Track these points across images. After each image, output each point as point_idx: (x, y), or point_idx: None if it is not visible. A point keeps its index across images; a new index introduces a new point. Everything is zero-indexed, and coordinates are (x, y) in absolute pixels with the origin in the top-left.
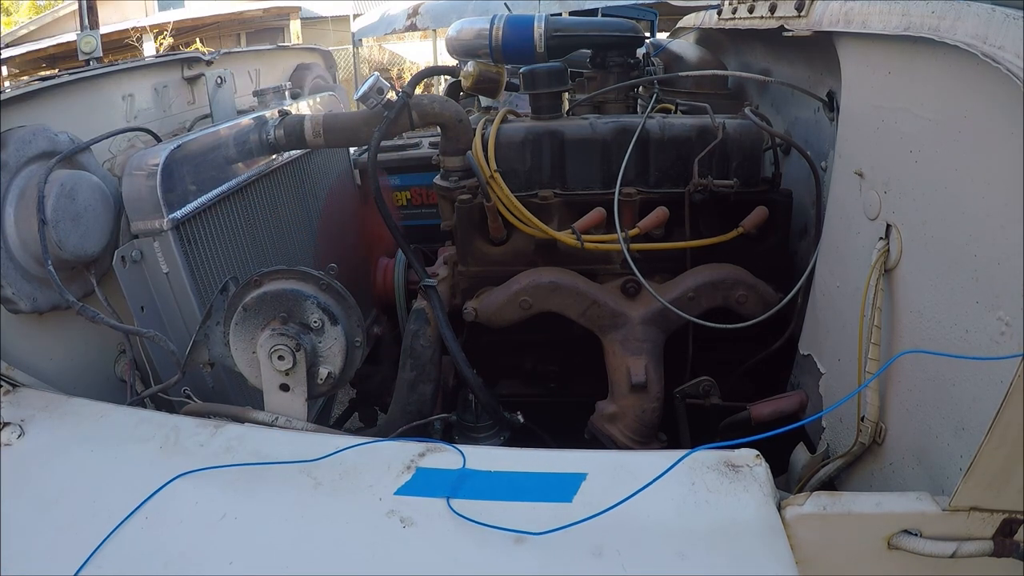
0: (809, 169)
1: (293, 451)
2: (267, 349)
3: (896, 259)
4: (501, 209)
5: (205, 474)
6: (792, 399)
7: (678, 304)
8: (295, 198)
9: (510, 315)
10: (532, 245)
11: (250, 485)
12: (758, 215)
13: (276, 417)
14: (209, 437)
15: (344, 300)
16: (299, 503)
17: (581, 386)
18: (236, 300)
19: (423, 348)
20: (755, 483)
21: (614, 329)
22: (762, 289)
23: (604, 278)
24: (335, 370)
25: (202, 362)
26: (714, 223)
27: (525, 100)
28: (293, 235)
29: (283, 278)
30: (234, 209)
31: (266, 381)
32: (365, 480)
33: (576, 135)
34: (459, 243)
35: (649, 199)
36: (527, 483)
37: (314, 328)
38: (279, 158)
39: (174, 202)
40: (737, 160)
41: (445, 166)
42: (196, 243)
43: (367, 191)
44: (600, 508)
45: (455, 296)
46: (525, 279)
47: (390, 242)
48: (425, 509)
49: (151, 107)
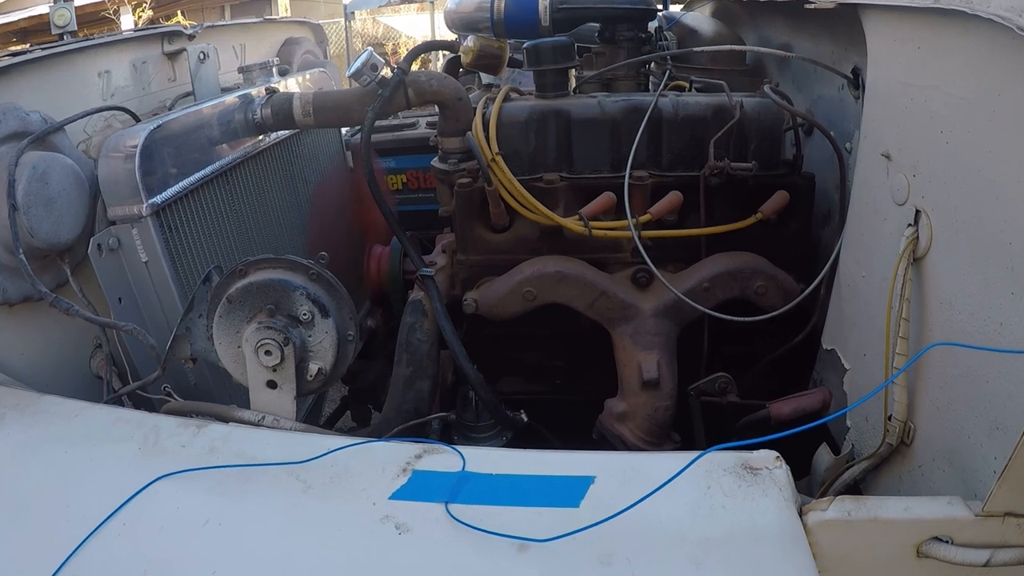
0: (832, 151)
1: (281, 452)
2: (253, 343)
3: (926, 247)
4: (503, 194)
5: (187, 476)
6: (814, 397)
7: (692, 295)
8: (283, 182)
9: (513, 307)
10: (536, 232)
11: (235, 488)
12: (778, 200)
13: (263, 416)
14: (191, 437)
15: (336, 291)
16: (287, 508)
17: (589, 383)
18: (220, 291)
19: (420, 342)
20: (775, 486)
21: (624, 322)
22: (782, 279)
23: (613, 267)
24: (326, 366)
25: (183, 357)
26: (731, 209)
27: (529, 77)
28: (281, 221)
29: (270, 268)
30: (218, 194)
31: (252, 378)
32: (358, 483)
33: (583, 115)
34: (458, 230)
35: (661, 183)
36: (531, 487)
37: (303, 321)
38: (266, 139)
39: (154, 186)
40: (756, 141)
41: (443, 148)
42: (177, 230)
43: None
44: (609, 513)
45: (454, 287)
46: (529, 268)
47: (385, 229)
48: (422, 514)
49: (129, 84)
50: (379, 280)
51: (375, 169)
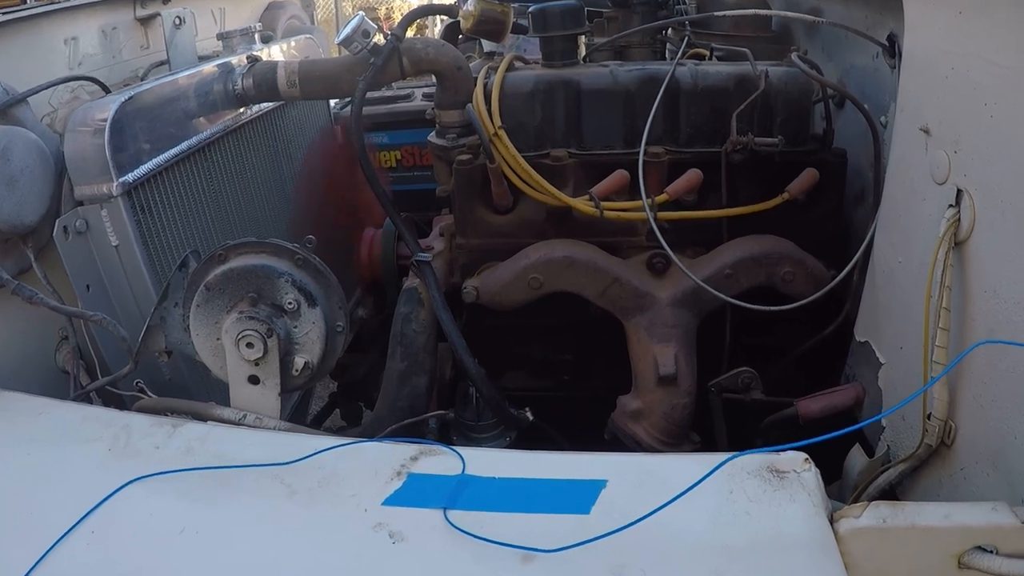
0: (866, 125)
1: (264, 453)
2: (233, 335)
3: (968, 230)
4: (506, 171)
5: (161, 480)
6: (846, 393)
7: (713, 282)
8: (266, 159)
9: (517, 295)
10: (543, 214)
11: (214, 493)
12: (807, 179)
13: (244, 414)
14: (166, 437)
15: (323, 278)
16: (271, 514)
17: (600, 378)
18: (197, 278)
19: (415, 334)
20: (803, 491)
21: (639, 312)
22: (811, 265)
23: (627, 252)
24: (313, 359)
25: (157, 350)
26: (755, 188)
27: (534, 44)
28: (264, 202)
29: (252, 252)
30: (195, 171)
31: (232, 372)
32: (348, 488)
33: (594, 85)
34: (457, 211)
35: (679, 160)
36: (537, 492)
37: (288, 311)
38: (248, 112)
39: (125, 163)
40: (782, 115)
41: (441, 121)
42: (151, 211)
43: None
44: (623, 521)
45: (453, 273)
46: (535, 253)
47: (377, 210)
48: (418, 522)
49: (98, 52)
50: (371, 266)
51: (367, 145)
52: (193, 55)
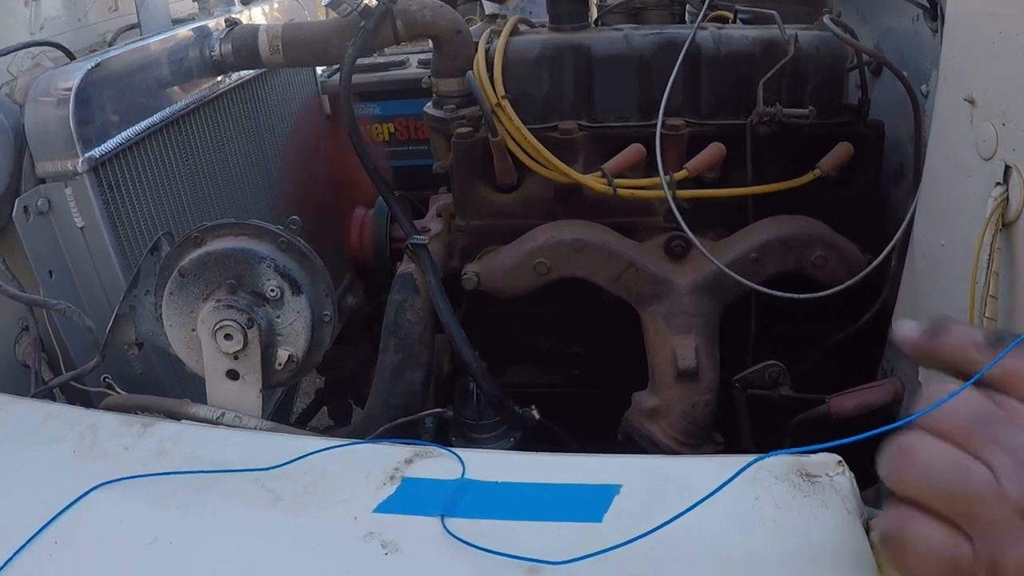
0: (905, 94)
1: (244, 456)
2: (210, 326)
3: (1017, 210)
4: (511, 145)
5: (131, 485)
6: (883, 389)
7: (738, 267)
8: (247, 132)
9: (522, 281)
10: (550, 192)
11: (188, 499)
12: (840, 153)
13: (222, 413)
14: (136, 438)
15: (309, 263)
16: (251, 522)
17: (612, 373)
18: (171, 262)
19: (410, 324)
20: (836, 497)
21: (656, 299)
22: (845, 248)
23: (643, 234)
24: (298, 352)
25: (127, 342)
26: (784, 163)
27: (541, 6)
28: (244, 179)
29: (231, 235)
30: (169, 146)
31: (209, 366)
32: (337, 493)
33: (607, 51)
34: (456, 189)
35: (700, 133)
36: (544, 498)
37: (271, 299)
38: (226, 81)
39: (91, 137)
40: (813, 83)
41: (439, 91)
42: (120, 189)
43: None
44: (638, 530)
45: (451, 257)
46: (541, 236)
47: (368, 188)
48: (413, 531)
49: (62, 15)
50: (362, 249)
51: (358, 117)
52: (166, 18)
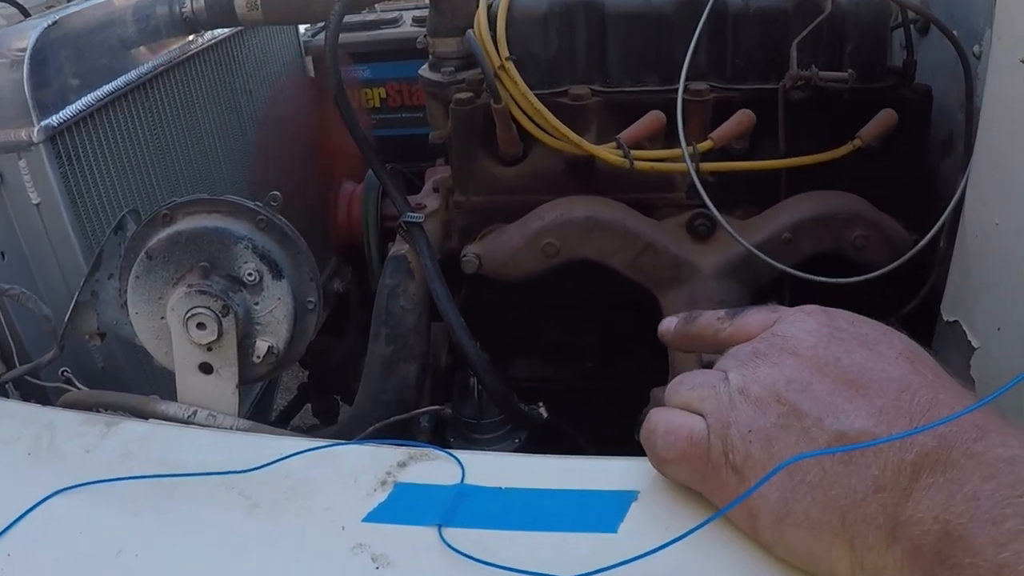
0: (955, 56)
1: (219, 458)
2: (181, 313)
3: None
4: (515, 112)
5: (92, 491)
6: None
7: (769, 249)
8: (222, 98)
9: (529, 264)
10: (559, 164)
11: (157, 507)
12: (883, 121)
13: (194, 411)
14: (98, 439)
15: (291, 243)
16: (226, 532)
17: (629, 366)
18: (137, 243)
19: (404, 312)
20: None
21: (677, 284)
22: (888, 227)
23: (663, 212)
24: (278, 343)
25: (88, 332)
26: (820, 133)
27: None
28: (219, 150)
29: (204, 212)
30: (135, 113)
31: (180, 359)
32: (321, 500)
33: (623, 7)
34: (455, 161)
35: (727, 99)
36: (552, 505)
37: (248, 283)
38: (199, 40)
39: (48, 103)
40: (853, 43)
41: (436, 51)
42: (80, 161)
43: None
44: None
45: (450, 237)
46: (550, 213)
47: (358, 160)
48: (407, 542)
49: None
50: (350, 228)
51: (346, 80)
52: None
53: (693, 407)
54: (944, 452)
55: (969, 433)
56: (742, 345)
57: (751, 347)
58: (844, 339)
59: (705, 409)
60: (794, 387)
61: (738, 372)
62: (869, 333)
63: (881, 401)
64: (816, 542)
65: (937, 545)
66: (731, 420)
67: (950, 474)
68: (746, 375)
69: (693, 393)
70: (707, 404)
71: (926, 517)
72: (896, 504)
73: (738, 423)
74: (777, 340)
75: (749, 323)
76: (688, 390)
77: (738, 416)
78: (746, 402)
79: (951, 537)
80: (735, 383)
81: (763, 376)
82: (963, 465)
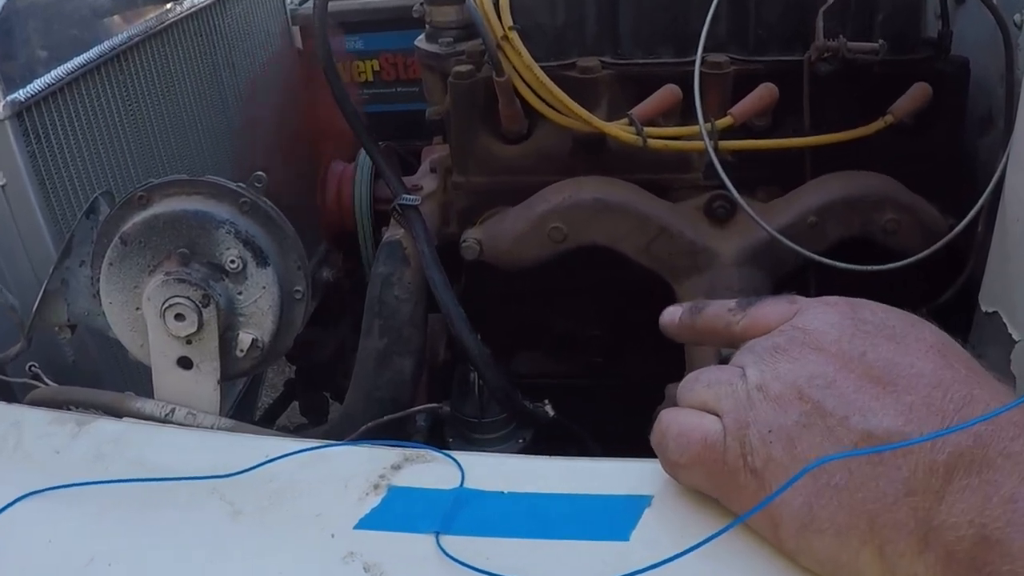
0: (995, 25)
1: (198, 461)
2: (158, 304)
3: None
4: (519, 86)
5: (63, 495)
6: None
7: (794, 233)
8: (202, 71)
9: (533, 250)
10: (567, 143)
11: (132, 513)
12: (916, 96)
13: (172, 409)
14: (69, 439)
15: (277, 228)
16: (207, 540)
17: (641, 361)
18: (111, 228)
19: (398, 302)
20: None
21: (694, 272)
22: (922, 210)
23: (679, 194)
24: (263, 336)
25: (58, 323)
26: (848, 108)
27: None
28: (199, 127)
29: (183, 194)
30: (108, 87)
31: (156, 353)
32: (310, 506)
33: None
34: (454, 139)
35: (748, 71)
36: (559, 511)
37: (231, 271)
38: (177, 8)
39: (15, 76)
40: (884, 12)
41: (433, 21)
42: (49, 139)
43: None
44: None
45: (448, 221)
46: (556, 195)
47: (349, 138)
48: (402, 551)
49: None
50: (340, 212)
51: (335, 52)
52: None
53: (708, 406)
54: (979, 452)
55: (1006, 431)
56: (760, 339)
57: (770, 341)
58: (870, 332)
59: (721, 408)
60: (817, 383)
61: (756, 368)
62: (897, 325)
63: (911, 398)
64: (843, 549)
65: (972, 551)
66: (749, 420)
67: (986, 475)
68: (765, 371)
69: (708, 391)
70: (723, 403)
71: (960, 521)
72: (928, 508)
73: (757, 423)
74: (798, 333)
75: (766, 315)
76: (703, 388)
77: (757, 415)
78: (765, 400)
79: (987, 542)
80: (753, 380)
81: (784, 372)
82: (1000, 466)
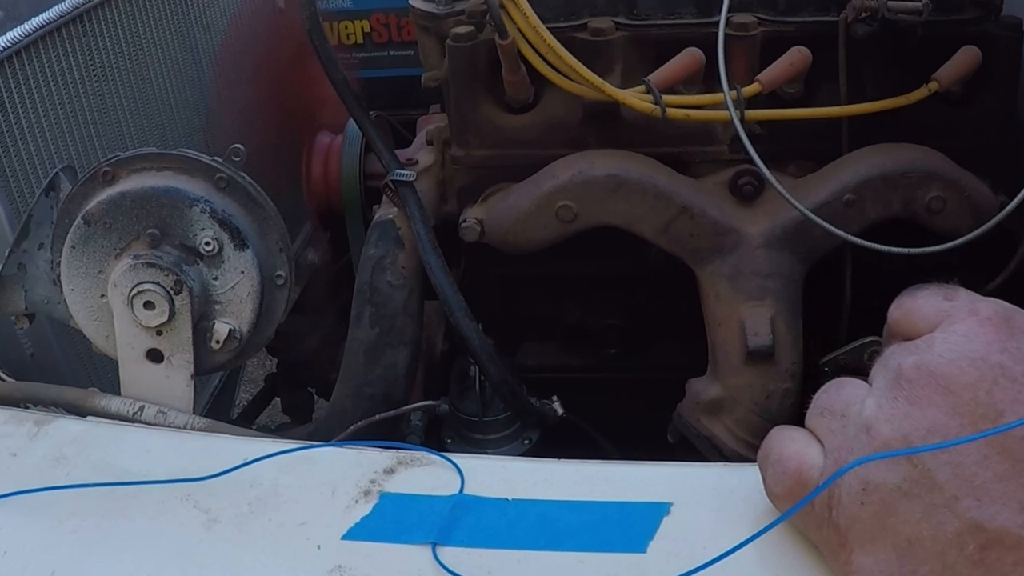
0: None
1: (170, 463)
2: (125, 290)
3: None
4: (525, 50)
5: (19, 502)
6: None
7: (828, 212)
8: (174, 32)
9: (540, 232)
10: (577, 112)
11: (96, 521)
12: (964, 61)
13: (141, 406)
14: (27, 440)
15: (257, 207)
16: (179, 551)
17: (659, 353)
18: (73, 207)
19: (391, 288)
20: None
21: (718, 256)
22: (971, 187)
23: (702, 169)
24: (241, 326)
25: (14, 313)
26: (888, 74)
27: None
28: (171, 95)
29: (153, 169)
30: (70, 51)
31: (123, 345)
32: (294, 514)
33: None
34: (453, 109)
35: (777, 34)
36: (568, 520)
37: (205, 254)
38: None
39: None
40: None
41: None
42: (5, 108)
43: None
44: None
45: (447, 199)
46: (565, 171)
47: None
48: (395, 563)
49: None
50: (327, 189)
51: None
52: None
53: (817, 432)
54: None
55: None
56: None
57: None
58: (1018, 379)
59: (825, 441)
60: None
61: (875, 399)
62: None
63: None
64: None
65: None
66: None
67: None
68: (882, 407)
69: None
70: (827, 438)
71: None
72: None
73: (855, 472)
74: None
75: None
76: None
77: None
78: (870, 447)
79: None
80: (867, 414)
81: (899, 415)
82: None
